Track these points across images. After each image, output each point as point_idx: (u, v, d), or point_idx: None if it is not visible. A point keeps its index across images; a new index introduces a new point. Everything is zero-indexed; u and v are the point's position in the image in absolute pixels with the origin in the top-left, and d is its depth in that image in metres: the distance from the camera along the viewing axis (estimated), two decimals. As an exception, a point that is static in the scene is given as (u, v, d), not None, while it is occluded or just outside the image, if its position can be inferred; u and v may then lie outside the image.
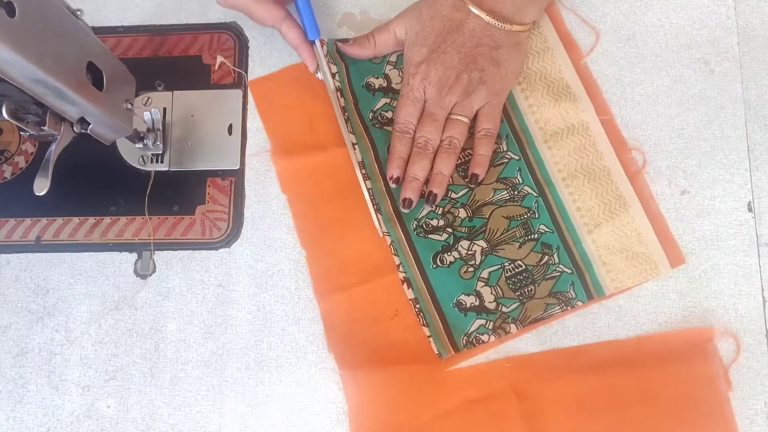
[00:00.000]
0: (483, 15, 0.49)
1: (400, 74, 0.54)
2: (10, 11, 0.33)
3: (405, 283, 0.50)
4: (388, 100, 0.54)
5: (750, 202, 0.51)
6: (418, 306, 0.49)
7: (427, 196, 0.50)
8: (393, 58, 0.54)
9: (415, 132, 0.51)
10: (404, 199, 0.50)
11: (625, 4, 0.54)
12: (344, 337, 0.50)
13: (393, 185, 0.51)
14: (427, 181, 0.51)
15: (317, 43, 0.52)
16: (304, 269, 0.52)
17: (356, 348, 0.50)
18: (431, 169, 0.51)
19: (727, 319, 0.49)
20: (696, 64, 0.53)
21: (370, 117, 0.53)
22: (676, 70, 0.53)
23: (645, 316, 0.49)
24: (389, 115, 0.53)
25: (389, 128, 0.53)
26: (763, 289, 0.49)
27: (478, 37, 0.49)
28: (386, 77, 0.54)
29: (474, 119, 0.51)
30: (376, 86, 0.54)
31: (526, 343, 0.49)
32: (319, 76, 0.53)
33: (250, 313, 0.51)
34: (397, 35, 0.52)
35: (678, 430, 0.46)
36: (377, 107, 0.53)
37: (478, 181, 0.51)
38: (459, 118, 0.50)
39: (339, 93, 0.53)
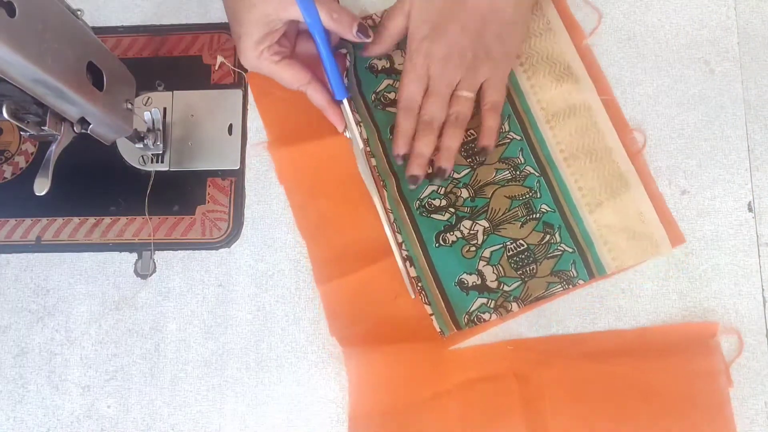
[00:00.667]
0: None
1: (403, 54, 0.53)
2: (10, 11, 0.33)
3: (408, 261, 0.50)
4: (391, 82, 0.54)
5: (750, 202, 0.51)
6: (420, 284, 0.50)
7: (435, 171, 0.50)
8: None
9: (420, 109, 0.50)
10: (411, 176, 0.50)
11: (625, 4, 0.54)
12: (345, 318, 0.50)
13: (399, 162, 0.51)
14: (432, 161, 0.51)
15: (345, 102, 0.51)
16: (304, 269, 0.52)
17: (357, 326, 0.50)
18: (437, 145, 0.50)
19: (727, 319, 0.49)
20: (696, 64, 0.53)
21: (373, 98, 0.54)
22: (676, 70, 0.53)
23: (645, 316, 0.49)
24: (392, 96, 0.53)
25: (391, 109, 0.53)
26: (763, 289, 0.49)
27: (483, 14, 0.48)
28: (389, 58, 0.54)
29: (478, 93, 0.51)
30: (379, 67, 0.54)
31: (528, 333, 0.49)
32: (347, 135, 0.53)
33: (250, 313, 0.51)
34: (405, 12, 0.50)
35: (675, 424, 0.46)
36: (380, 89, 0.54)
37: (489, 153, 0.50)
38: (464, 93, 0.50)
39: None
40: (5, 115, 0.37)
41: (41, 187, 0.42)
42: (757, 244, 0.50)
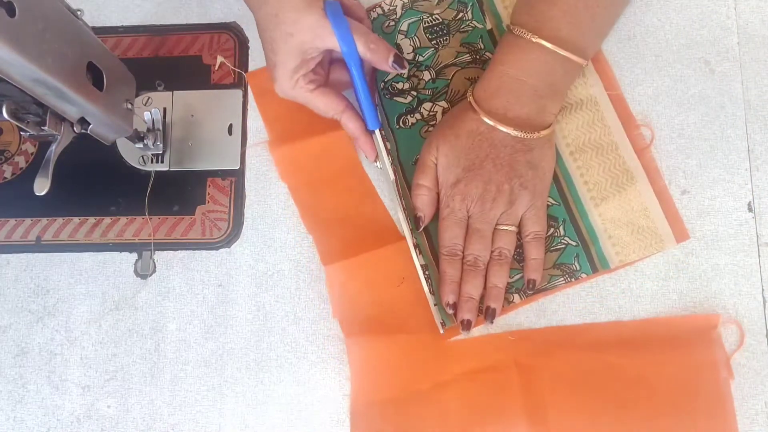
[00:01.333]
0: (510, 131, 0.47)
1: (411, 43, 0.54)
2: (10, 11, 0.33)
3: (416, 249, 0.50)
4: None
5: (750, 202, 0.51)
6: (427, 273, 0.50)
7: (485, 312, 0.49)
8: (404, 27, 0.54)
9: (463, 251, 0.49)
10: (463, 321, 0.48)
11: (625, 4, 0.55)
12: (349, 303, 0.50)
13: (450, 311, 0.49)
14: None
15: (377, 133, 0.51)
16: (304, 269, 0.52)
17: (361, 315, 0.50)
18: (485, 283, 0.49)
19: (727, 319, 0.49)
20: (696, 64, 0.53)
21: (381, 87, 0.54)
22: (676, 70, 0.53)
23: (645, 316, 0.49)
24: (400, 86, 0.54)
25: (399, 99, 0.53)
26: (763, 289, 0.49)
27: (511, 144, 0.47)
28: (398, 47, 0.54)
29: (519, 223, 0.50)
30: None
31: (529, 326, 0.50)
32: (378, 165, 0.52)
33: (250, 313, 0.51)
34: (435, 161, 0.50)
35: (676, 416, 0.46)
36: (388, 78, 0.54)
37: (537, 286, 0.49)
38: (506, 228, 0.49)
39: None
40: (5, 115, 0.37)
41: (41, 187, 0.42)
42: (757, 244, 0.50)
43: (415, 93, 0.53)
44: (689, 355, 0.48)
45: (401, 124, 0.53)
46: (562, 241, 0.50)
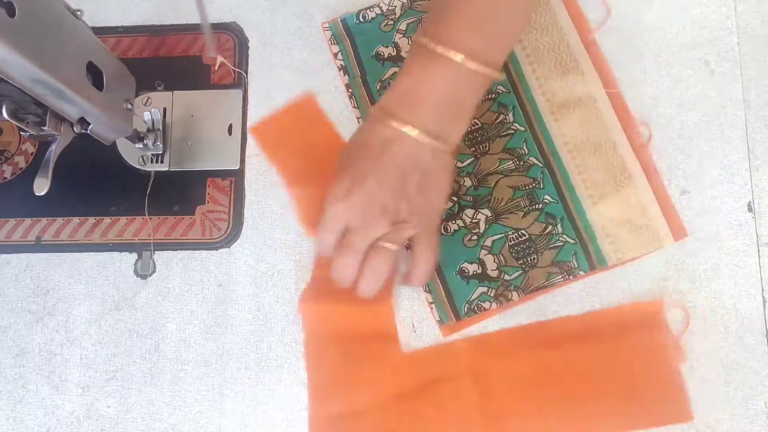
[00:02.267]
0: (415, 133, 0.43)
1: (410, 42, 0.54)
2: (10, 11, 0.33)
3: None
4: (396, 69, 0.54)
5: (750, 202, 0.51)
6: None
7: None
8: (402, 27, 0.54)
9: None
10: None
11: (625, 4, 0.54)
12: (317, 340, 0.50)
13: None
14: None
15: None
16: (304, 269, 0.52)
17: (322, 325, 0.50)
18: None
19: (727, 319, 0.49)
20: (696, 64, 0.53)
21: (378, 87, 0.54)
22: (676, 70, 0.53)
23: (645, 316, 0.49)
24: None
25: None
26: (763, 289, 0.49)
27: (400, 164, 0.44)
28: (396, 46, 0.54)
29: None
30: (386, 56, 0.54)
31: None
32: None
33: (250, 313, 0.51)
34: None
35: (630, 401, 0.47)
36: (386, 77, 0.54)
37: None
38: (386, 245, 0.45)
39: (343, 71, 0.52)
40: (5, 115, 0.37)
41: (41, 187, 0.42)
42: (757, 244, 0.50)
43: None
44: (638, 340, 0.48)
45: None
46: (560, 238, 0.50)
